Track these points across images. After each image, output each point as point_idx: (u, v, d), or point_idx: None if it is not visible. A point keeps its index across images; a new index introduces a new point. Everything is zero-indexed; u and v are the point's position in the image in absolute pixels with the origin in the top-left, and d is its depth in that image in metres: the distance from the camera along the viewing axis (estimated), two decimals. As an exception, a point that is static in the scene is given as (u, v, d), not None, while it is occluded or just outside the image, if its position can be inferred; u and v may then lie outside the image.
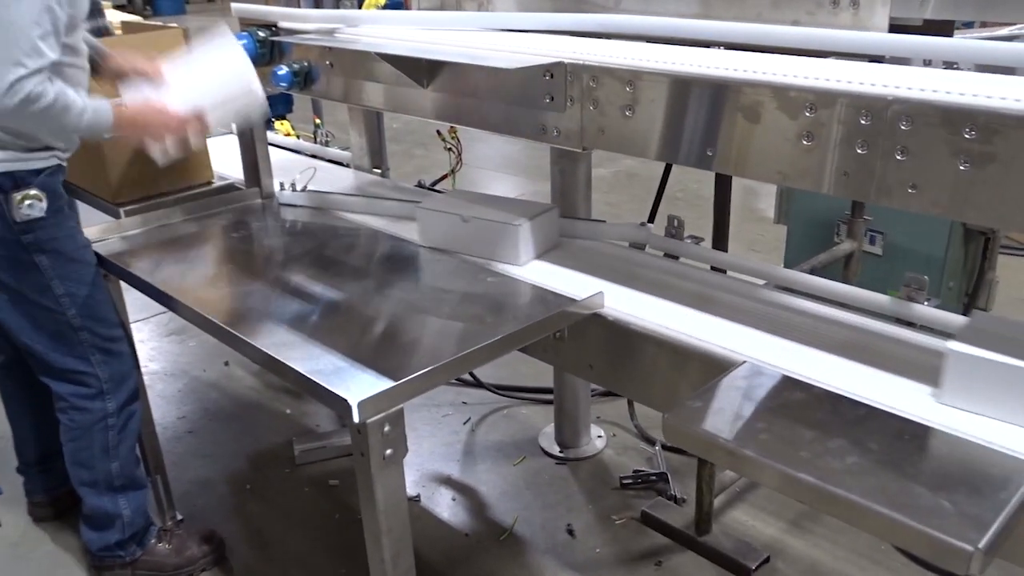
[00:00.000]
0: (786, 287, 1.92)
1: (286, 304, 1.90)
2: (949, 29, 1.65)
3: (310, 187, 2.62)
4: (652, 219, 2.64)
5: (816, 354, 1.62)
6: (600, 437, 3.08)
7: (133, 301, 2.39)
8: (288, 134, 3.54)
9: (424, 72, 2.04)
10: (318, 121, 3.60)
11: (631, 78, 1.64)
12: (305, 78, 2.38)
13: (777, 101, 1.43)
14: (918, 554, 1.78)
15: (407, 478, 1.59)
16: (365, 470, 1.50)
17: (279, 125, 3.54)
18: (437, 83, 2.04)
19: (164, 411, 3.34)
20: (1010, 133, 1.20)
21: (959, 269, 2.99)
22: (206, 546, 2.52)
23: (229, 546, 2.59)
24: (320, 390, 1.51)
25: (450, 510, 2.78)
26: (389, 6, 2.49)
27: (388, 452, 1.49)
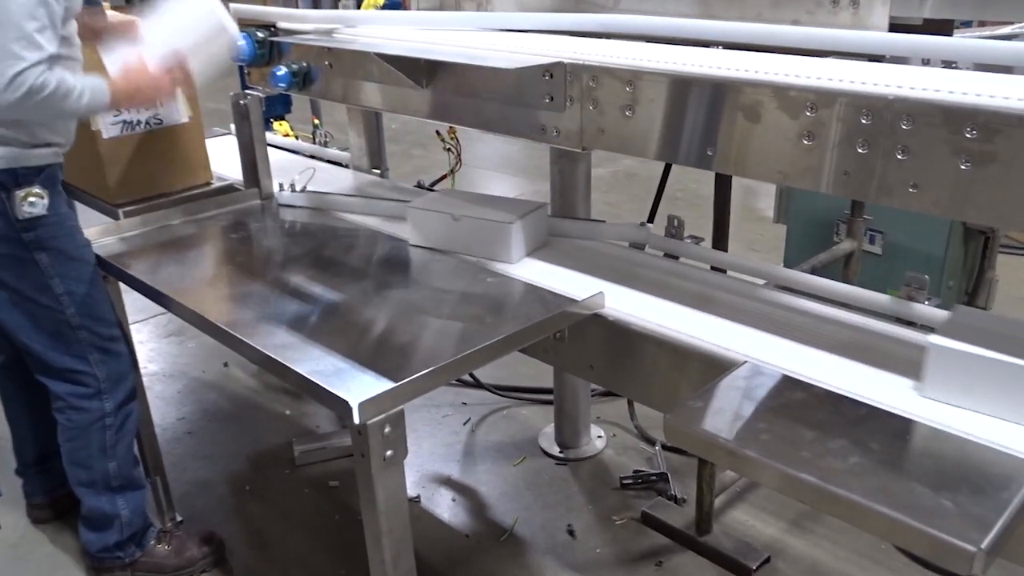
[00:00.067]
0: (786, 287, 1.92)
1: (286, 305, 1.90)
2: (949, 28, 1.65)
3: (309, 188, 2.61)
4: (652, 219, 2.64)
5: (816, 354, 1.62)
6: (600, 437, 3.08)
7: (132, 302, 2.39)
8: (287, 135, 3.54)
9: (423, 72, 2.04)
10: (317, 122, 3.60)
11: (631, 78, 1.64)
12: (304, 78, 2.38)
13: (778, 101, 1.43)
14: (920, 554, 1.78)
15: (407, 479, 1.58)
16: (366, 471, 1.49)
17: (278, 126, 3.54)
18: (436, 83, 2.04)
19: (163, 412, 3.34)
20: (1011, 132, 1.20)
21: (959, 268, 2.99)
22: (206, 547, 2.52)
23: (229, 547, 2.59)
24: (321, 391, 1.50)
25: (450, 511, 2.78)
26: (388, 6, 2.49)
27: (388, 453, 1.49)
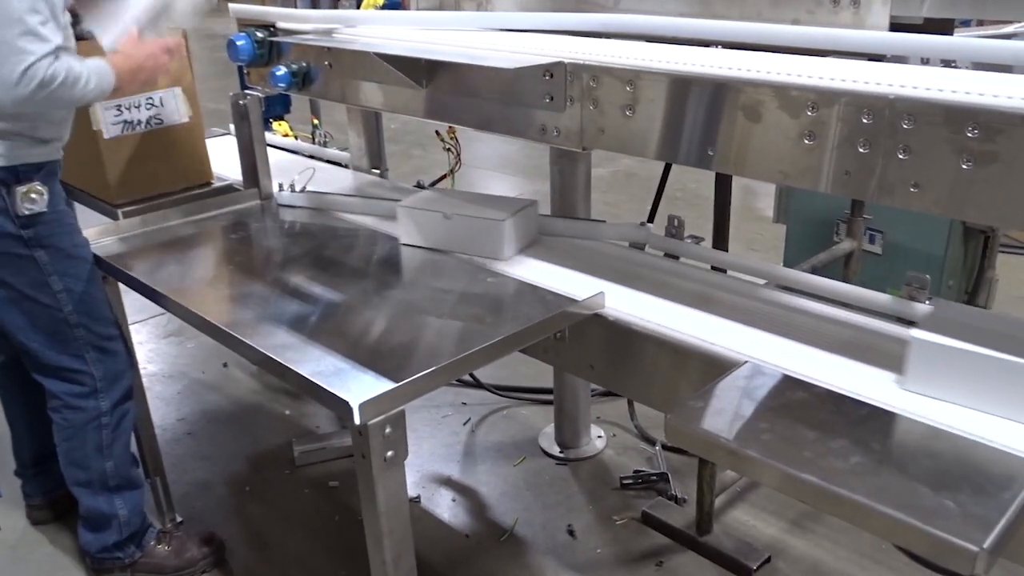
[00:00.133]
0: (787, 286, 1.92)
1: (285, 305, 1.89)
2: (949, 27, 1.65)
3: (309, 188, 2.61)
4: (652, 219, 2.64)
5: (817, 353, 1.62)
6: (600, 437, 3.08)
7: (131, 303, 2.38)
8: (286, 135, 3.54)
9: (423, 72, 2.03)
10: (316, 122, 3.59)
11: (631, 78, 1.63)
12: (303, 79, 2.38)
13: (778, 100, 1.43)
14: (922, 554, 1.78)
15: (407, 479, 1.58)
16: (366, 472, 1.49)
17: (277, 126, 3.53)
18: (436, 83, 2.03)
19: (163, 413, 3.33)
20: (1013, 132, 1.19)
21: (959, 267, 2.99)
22: (206, 548, 2.51)
23: (229, 548, 2.59)
24: (321, 392, 1.50)
25: (450, 511, 2.77)
26: (387, 6, 2.48)
27: (389, 454, 1.49)
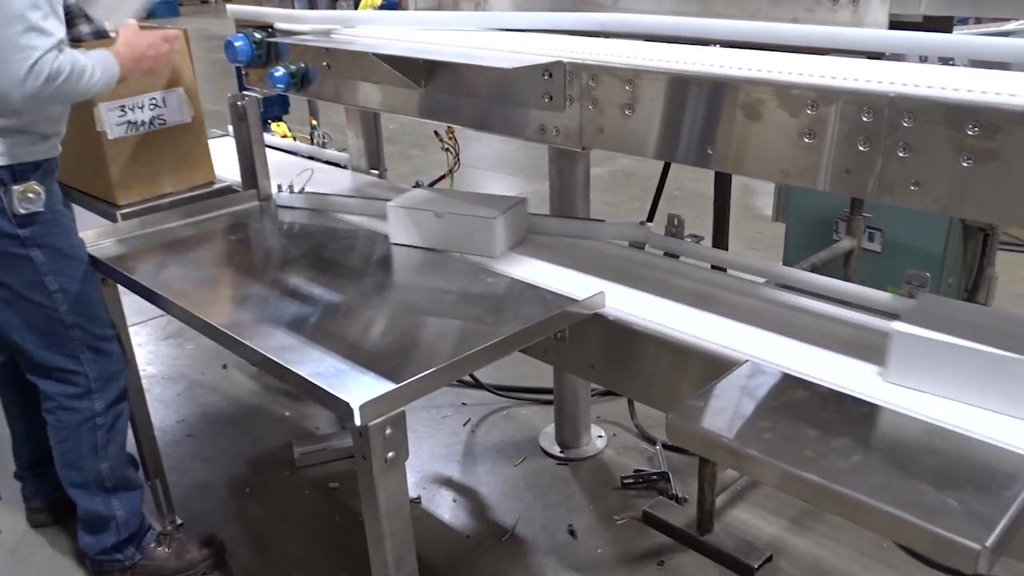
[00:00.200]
0: (787, 285, 1.91)
1: (285, 306, 1.89)
2: (949, 25, 1.64)
3: (308, 189, 2.61)
4: (651, 218, 2.63)
5: (818, 352, 1.62)
6: (600, 437, 3.07)
7: (130, 304, 2.38)
8: (285, 136, 3.53)
9: (421, 72, 2.03)
10: (315, 122, 3.59)
11: (630, 77, 1.63)
12: (302, 79, 2.37)
13: (778, 99, 1.42)
14: (924, 553, 1.78)
15: (407, 480, 1.58)
16: (367, 473, 1.49)
17: (276, 127, 3.53)
18: (434, 83, 2.03)
19: (163, 415, 3.33)
20: (1013, 129, 1.19)
21: (958, 265, 2.99)
22: (206, 550, 2.51)
23: (229, 549, 2.59)
24: (321, 393, 1.50)
25: (451, 512, 2.77)
26: (385, 6, 2.48)
27: (390, 455, 1.48)
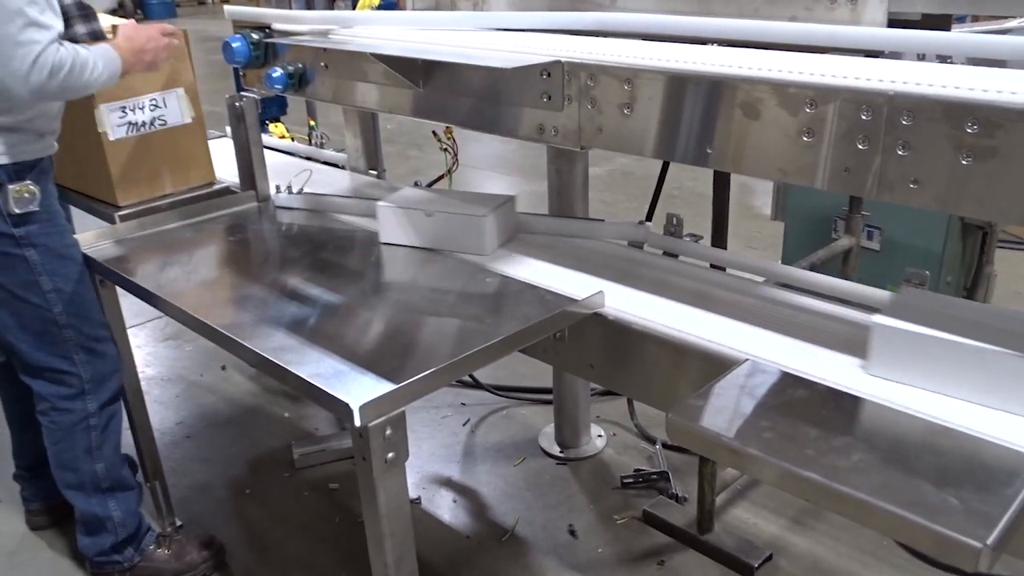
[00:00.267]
0: (786, 284, 1.91)
1: (284, 307, 1.89)
2: (947, 23, 1.64)
3: (306, 189, 2.60)
4: (650, 217, 2.63)
5: (817, 350, 1.61)
6: (600, 437, 3.07)
7: (129, 306, 2.38)
8: (283, 136, 3.53)
9: (419, 72, 2.03)
10: (312, 123, 3.59)
11: (629, 76, 1.63)
12: (300, 80, 2.37)
13: (777, 97, 1.42)
14: (925, 551, 1.78)
15: (407, 480, 1.58)
16: (367, 474, 1.48)
17: (274, 128, 3.53)
18: (433, 83, 2.03)
19: (162, 416, 3.33)
20: (1012, 127, 1.19)
21: (957, 263, 2.99)
22: (206, 551, 2.51)
23: (229, 551, 2.58)
24: (321, 394, 1.49)
25: (451, 512, 2.77)
26: (383, 7, 2.47)
27: (390, 456, 1.48)
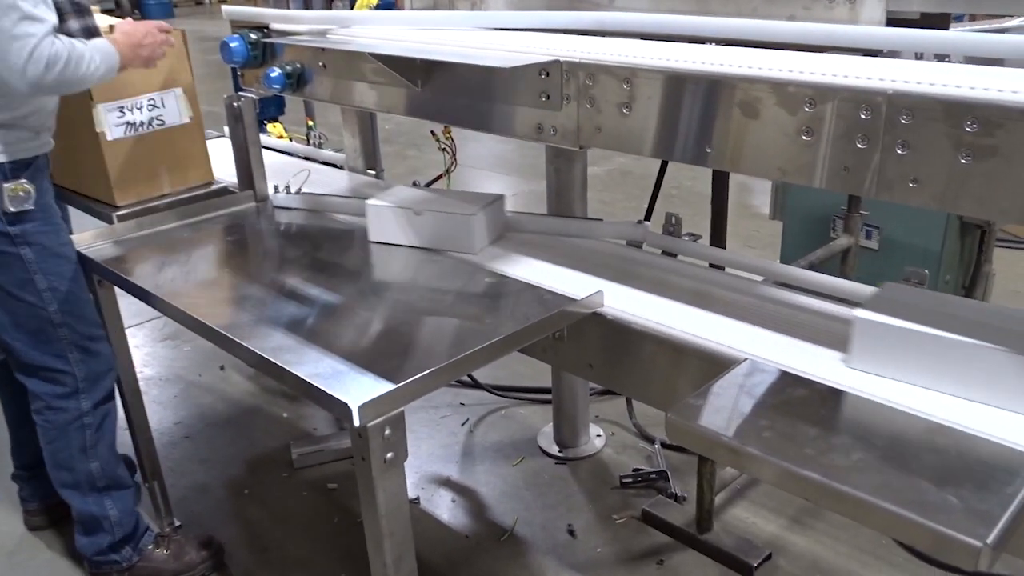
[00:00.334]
0: (784, 283, 1.91)
1: (282, 307, 1.89)
2: (946, 22, 1.64)
3: (304, 189, 2.60)
4: (649, 217, 2.63)
5: (816, 349, 1.61)
6: (599, 436, 3.07)
7: (127, 306, 2.37)
8: (281, 136, 3.53)
9: (418, 72, 2.02)
10: (311, 123, 3.58)
11: (628, 75, 1.63)
12: (298, 80, 2.37)
13: (776, 96, 1.42)
14: (925, 550, 1.78)
15: (406, 480, 1.57)
16: (366, 474, 1.48)
17: (272, 128, 3.52)
18: (431, 83, 2.03)
19: (160, 416, 3.32)
20: (1012, 126, 1.19)
21: (955, 262, 3.00)
22: (205, 552, 2.50)
23: (228, 551, 2.58)
24: (320, 394, 1.49)
25: (450, 512, 2.77)
26: (381, 6, 2.47)
27: (389, 456, 1.48)
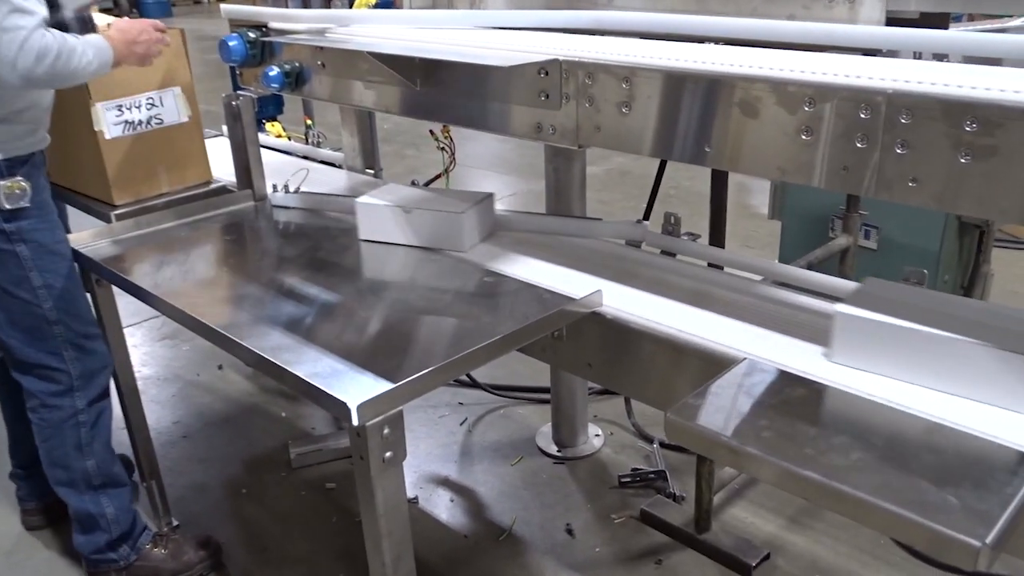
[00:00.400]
0: (783, 283, 1.91)
1: (281, 306, 1.88)
2: (945, 22, 1.64)
3: (303, 189, 2.60)
4: (647, 216, 2.63)
5: (815, 349, 1.61)
6: (598, 436, 3.07)
7: (125, 306, 2.37)
8: (280, 135, 3.52)
9: (417, 71, 2.02)
10: (309, 122, 3.58)
11: (627, 74, 1.62)
12: (296, 79, 2.37)
13: (776, 96, 1.42)
14: (924, 550, 1.79)
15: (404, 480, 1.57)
16: (365, 474, 1.48)
17: (270, 127, 3.52)
18: (430, 82, 2.02)
19: (159, 416, 3.32)
20: (1011, 126, 1.19)
21: (954, 262, 3.00)
22: (203, 551, 2.50)
23: (226, 551, 2.58)
24: (319, 393, 1.49)
25: (448, 511, 2.77)
26: (380, 5, 2.47)
27: (388, 455, 1.47)
